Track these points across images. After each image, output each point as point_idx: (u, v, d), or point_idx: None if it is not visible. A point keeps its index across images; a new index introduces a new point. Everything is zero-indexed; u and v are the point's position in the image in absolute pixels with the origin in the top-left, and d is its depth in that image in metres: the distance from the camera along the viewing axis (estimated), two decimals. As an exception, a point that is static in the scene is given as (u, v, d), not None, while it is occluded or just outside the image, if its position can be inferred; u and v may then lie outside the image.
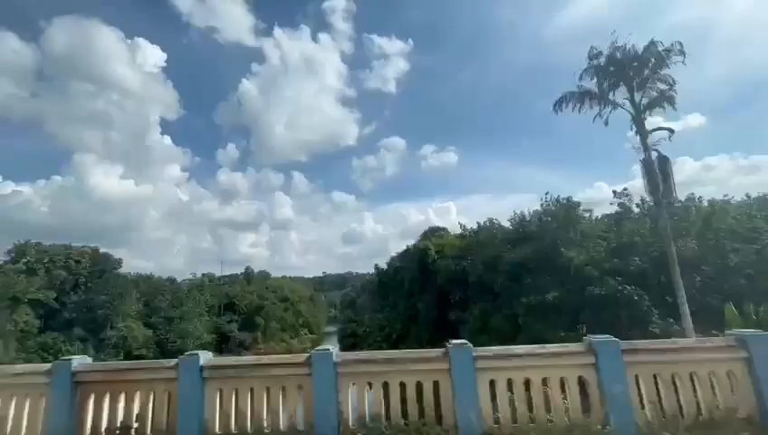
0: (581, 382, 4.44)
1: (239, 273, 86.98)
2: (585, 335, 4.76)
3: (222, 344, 54.71)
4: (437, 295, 36.27)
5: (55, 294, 44.00)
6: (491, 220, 37.75)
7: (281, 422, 4.50)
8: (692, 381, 4.47)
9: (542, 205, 31.83)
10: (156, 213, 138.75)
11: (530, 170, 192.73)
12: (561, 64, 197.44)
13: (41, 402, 4.69)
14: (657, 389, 4.42)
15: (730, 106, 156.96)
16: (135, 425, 4.61)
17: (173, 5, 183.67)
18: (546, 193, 31.42)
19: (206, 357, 4.76)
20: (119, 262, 54.53)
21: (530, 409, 4.35)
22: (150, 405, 4.67)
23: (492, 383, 4.38)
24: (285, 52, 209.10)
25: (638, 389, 4.38)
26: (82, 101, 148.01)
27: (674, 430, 4.15)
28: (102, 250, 54.00)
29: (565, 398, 4.37)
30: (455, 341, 4.58)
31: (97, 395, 4.71)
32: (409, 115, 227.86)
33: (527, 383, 4.41)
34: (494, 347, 4.60)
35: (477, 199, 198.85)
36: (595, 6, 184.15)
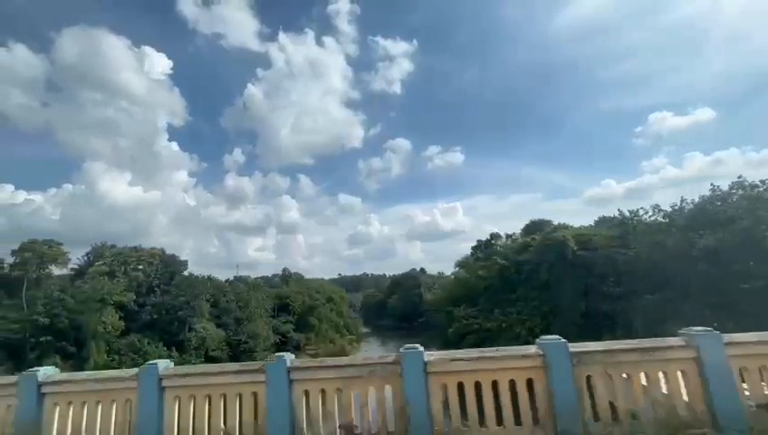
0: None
1: (272, 275, 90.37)
2: None
3: (281, 345, 55.50)
4: (584, 287, 36.14)
5: (134, 296, 46.19)
6: (655, 207, 36.75)
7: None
8: None
9: (712, 189, 31.07)
10: (164, 218, 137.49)
11: (533, 170, 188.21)
12: (564, 63, 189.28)
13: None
14: None
15: (740, 99, 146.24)
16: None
17: (179, 13, 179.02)
18: (739, 176, 30.53)
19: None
20: (185, 263, 56.44)
21: None
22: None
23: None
24: (290, 55, 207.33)
25: None
26: (91, 110, 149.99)
27: None
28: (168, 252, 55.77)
29: None
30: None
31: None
32: (414, 116, 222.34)
33: None
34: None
35: (482, 200, 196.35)
36: (597, 5, 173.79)
